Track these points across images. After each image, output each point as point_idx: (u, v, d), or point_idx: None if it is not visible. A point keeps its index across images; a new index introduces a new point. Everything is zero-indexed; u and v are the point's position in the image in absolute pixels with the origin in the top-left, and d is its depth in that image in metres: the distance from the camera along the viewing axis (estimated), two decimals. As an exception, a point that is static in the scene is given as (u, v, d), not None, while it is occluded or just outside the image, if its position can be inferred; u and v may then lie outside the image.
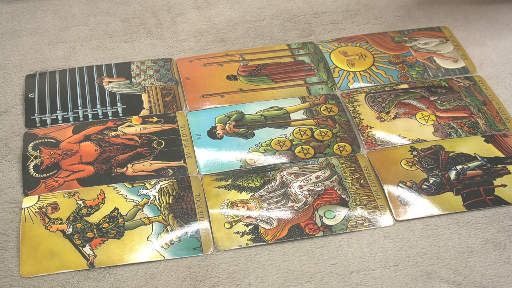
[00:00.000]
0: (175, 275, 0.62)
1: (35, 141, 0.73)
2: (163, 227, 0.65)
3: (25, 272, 0.61)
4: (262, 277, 0.61)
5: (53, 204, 0.67)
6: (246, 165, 0.71)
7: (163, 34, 0.88)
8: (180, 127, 0.75)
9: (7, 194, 0.69)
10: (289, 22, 0.90)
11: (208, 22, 0.90)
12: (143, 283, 0.61)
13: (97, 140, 0.74)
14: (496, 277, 0.61)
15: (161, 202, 0.67)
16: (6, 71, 0.83)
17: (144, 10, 0.92)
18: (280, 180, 0.70)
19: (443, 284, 0.61)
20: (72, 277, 0.61)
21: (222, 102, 0.78)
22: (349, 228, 0.65)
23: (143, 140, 0.74)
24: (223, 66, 0.83)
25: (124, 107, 0.78)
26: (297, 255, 0.63)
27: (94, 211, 0.67)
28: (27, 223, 0.65)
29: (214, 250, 0.64)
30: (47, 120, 0.76)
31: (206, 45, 0.86)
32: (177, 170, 0.71)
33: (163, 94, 0.79)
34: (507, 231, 0.65)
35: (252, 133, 0.75)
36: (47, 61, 0.84)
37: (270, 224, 0.66)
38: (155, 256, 0.63)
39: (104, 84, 0.81)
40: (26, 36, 0.88)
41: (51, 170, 0.70)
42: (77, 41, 0.87)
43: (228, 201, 0.67)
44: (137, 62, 0.84)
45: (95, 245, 0.64)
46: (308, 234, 0.65)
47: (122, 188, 0.69)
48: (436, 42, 0.86)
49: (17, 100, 0.79)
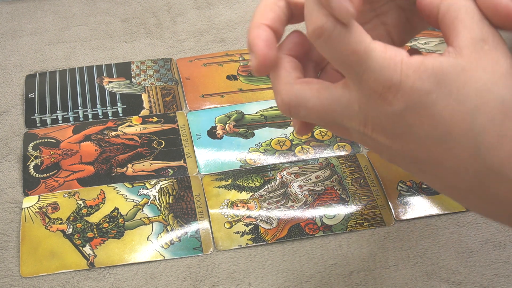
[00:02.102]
0: (175, 275, 0.62)
1: (35, 141, 0.73)
2: (163, 227, 0.65)
3: (25, 272, 0.62)
4: (262, 277, 0.61)
5: (53, 204, 0.67)
6: (246, 165, 0.71)
7: (163, 34, 0.88)
8: (180, 127, 0.75)
9: (7, 194, 0.69)
10: (289, 22, 0.89)
11: (208, 22, 0.90)
12: (143, 283, 0.61)
13: (97, 140, 0.74)
14: (496, 277, 0.61)
15: (161, 202, 0.67)
16: (6, 71, 0.83)
17: (144, 10, 0.92)
18: (280, 180, 0.70)
19: (443, 284, 0.61)
20: (72, 277, 0.61)
21: (222, 102, 0.78)
22: (349, 228, 0.65)
23: (143, 140, 0.74)
24: (223, 66, 0.83)
25: (124, 107, 0.78)
26: (297, 255, 0.63)
27: (94, 211, 0.67)
28: (27, 223, 0.65)
29: (214, 250, 0.64)
30: (47, 120, 0.76)
31: (206, 45, 0.86)
32: (177, 170, 0.71)
33: (163, 94, 0.79)
34: (506, 231, 0.65)
35: (252, 133, 0.75)
36: (47, 61, 0.84)
37: (270, 224, 0.66)
38: (155, 256, 0.63)
39: (104, 84, 0.81)
40: (26, 36, 0.88)
41: (51, 170, 0.70)
42: (77, 41, 0.87)
43: (228, 201, 0.67)
44: (137, 62, 0.84)
45: (95, 245, 0.64)
46: (308, 234, 0.65)
47: (122, 188, 0.69)
48: (436, 42, 0.86)
49: (17, 100, 0.79)
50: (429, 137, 0.42)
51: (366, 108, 0.43)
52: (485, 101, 0.41)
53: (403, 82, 0.41)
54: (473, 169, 0.42)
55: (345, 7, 0.41)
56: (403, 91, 0.41)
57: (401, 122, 0.43)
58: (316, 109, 0.45)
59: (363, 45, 0.42)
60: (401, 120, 0.42)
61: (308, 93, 0.45)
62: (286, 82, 0.46)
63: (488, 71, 0.41)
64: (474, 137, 0.41)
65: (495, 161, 0.42)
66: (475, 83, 0.41)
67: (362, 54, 0.42)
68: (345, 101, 0.44)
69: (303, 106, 0.45)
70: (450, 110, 0.41)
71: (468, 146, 0.42)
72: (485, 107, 0.41)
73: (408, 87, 0.41)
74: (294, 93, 0.45)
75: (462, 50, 0.42)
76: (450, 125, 0.42)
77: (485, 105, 0.41)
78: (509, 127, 0.41)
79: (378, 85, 0.42)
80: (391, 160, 0.47)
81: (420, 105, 0.41)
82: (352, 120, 0.45)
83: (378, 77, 0.42)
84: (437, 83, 0.41)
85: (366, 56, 0.42)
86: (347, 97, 0.44)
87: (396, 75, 0.41)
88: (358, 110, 0.44)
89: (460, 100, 0.41)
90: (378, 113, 0.43)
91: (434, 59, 0.42)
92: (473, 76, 0.41)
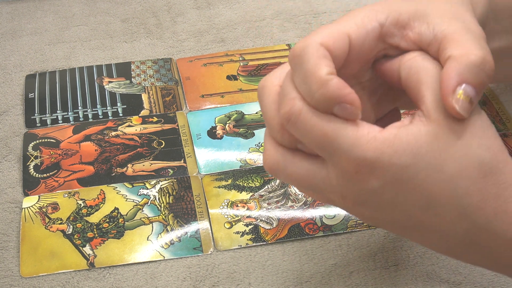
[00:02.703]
0: (175, 275, 0.62)
1: (35, 141, 0.73)
2: (163, 227, 0.65)
3: (25, 272, 0.62)
4: (262, 277, 0.61)
5: (53, 204, 0.67)
6: (246, 165, 0.71)
7: (163, 34, 0.88)
8: (180, 127, 0.75)
9: (7, 194, 0.69)
10: (289, 22, 0.90)
11: (208, 22, 0.90)
12: (143, 283, 0.61)
13: (97, 140, 0.74)
14: (496, 277, 0.61)
15: (161, 202, 0.67)
16: (6, 71, 0.83)
17: (144, 10, 0.92)
18: (280, 180, 0.70)
19: (443, 284, 0.61)
20: (72, 277, 0.61)
21: (222, 102, 0.78)
22: (349, 228, 0.65)
23: (143, 140, 0.74)
24: (223, 66, 0.83)
25: (124, 107, 0.78)
26: (297, 255, 0.63)
27: (94, 211, 0.67)
28: (27, 223, 0.65)
29: (214, 250, 0.64)
30: (47, 120, 0.76)
31: (206, 45, 0.86)
32: (177, 170, 0.71)
33: (163, 94, 0.79)
34: (507, 231, 0.65)
35: (252, 133, 0.75)
36: (47, 61, 0.84)
37: (270, 224, 0.66)
38: (155, 256, 0.63)
39: (104, 84, 0.81)
40: (26, 36, 0.88)
41: (51, 170, 0.70)
42: (77, 41, 0.87)
43: (228, 201, 0.67)
44: (137, 62, 0.84)
45: (95, 245, 0.64)
46: (308, 234, 0.65)
47: (122, 188, 0.69)
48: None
49: (17, 100, 0.79)
50: (413, 206, 0.42)
51: (344, 185, 0.43)
52: (464, 166, 0.41)
53: (379, 159, 0.41)
54: (461, 228, 0.43)
55: (350, 111, 0.41)
56: (380, 168, 0.41)
57: (382, 197, 0.42)
58: (295, 178, 0.45)
59: (331, 125, 0.41)
60: (381, 195, 0.42)
61: (289, 161, 0.45)
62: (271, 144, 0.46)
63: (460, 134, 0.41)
64: (458, 201, 0.42)
65: (482, 219, 0.42)
66: (450, 148, 0.41)
67: (331, 134, 0.41)
68: (324, 175, 0.44)
69: (282, 171, 0.45)
70: (431, 180, 0.41)
71: (454, 209, 0.42)
72: (465, 172, 0.41)
73: (385, 163, 0.41)
74: (276, 157, 0.45)
75: (431, 115, 0.41)
76: (433, 193, 0.42)
77: (464, 170, 0.41)
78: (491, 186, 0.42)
79: (351, 165, 0.41)
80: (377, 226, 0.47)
81: (399, 179, 0.41)
82: (331, 193, 0.44)
83: (350, 157, 0.41)
84: (413, 156, 0.41)
85: (335, 136, 0.41)
86: (324, 172, 0.44)
87: (370, 153, 0.41)
88: (336, 185, 0.43)
89: (438, 169, 0.41)
90: (356, 190, 0.43)
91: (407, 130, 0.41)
92: (447, 142, 0.41)
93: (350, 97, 0.41)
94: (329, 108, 0.41)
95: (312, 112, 0.42)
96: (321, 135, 0.42)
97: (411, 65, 0.44)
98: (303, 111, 0.42)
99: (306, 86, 0.42)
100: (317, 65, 0.42)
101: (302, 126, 0.42)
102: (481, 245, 0.43)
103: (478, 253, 0.44)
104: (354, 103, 0.41)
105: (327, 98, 0.41)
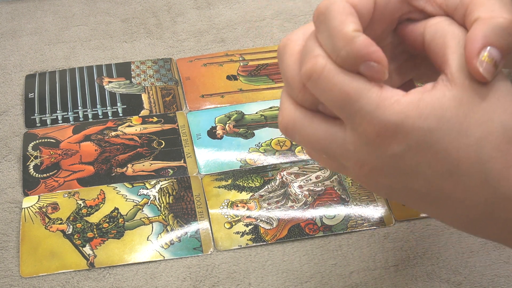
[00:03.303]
0: (175, 275, 0.62)
1: (35, 141, 0.73)
2: (163, 227, 0.65)
3: (25, 272, 0.61)
4: (262, 277, 0.61)
5: (53, 204, 0.67)
6: (246, 165, 0.71)
7: (163, 34, 0.88)
8: (180, 127, 0.75)
9: (7, 194, 0.69)
10: (289, 22, 0.90)
11: (208, 22, 0.90)
12: (143, 283, 0.61)
13: (97, 140, 0.74)
14: (496, 277, 0.61)
15: (161, 202, 0.67)
16: (6, 71, 0.83)
17: (144, 10, 0.92)
18: (280, 180, 0.70)
19: (443, 284, 0.61)
20: (72, 277, 0.61)
21: (222, 102, 0.78)
22: (349, 228, 0.65)
23: (143, 140, 0.74)
24: (223, 66, 0.83)
25: (124, 107, 0.78)
26: (297, 255, 0.63)
27: (94, 211, 0.67)
28: (27, 223, 0.65)
29: (214, 250, 0.64)
30: (47, 120, 0.76)
31: (206, 45, 0.86)
32: (177, 170, 0.71)
33: (163, 94, 0.79)
34: (507, 231, 0.65)
35: (252, 133, 0.75)
36: (47, 61, 0.84)
37: (270, 224, 0.66)
38: (155, 256, 0.63)
39: (104, 84, 0.81)
40: (26, 36, 0.88)
41: (51, 170, 0.70)
42: (77, 41, 0.87)
43: (228, 201, 0.67)
44: (137, 62, 0.84)
45: (95, 245, 0.64)
46: (308, 234, 0.65)
47: (122, 188, 0.69)
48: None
49: (17, 100, 0.79)
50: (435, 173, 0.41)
51: (362, 150, 0.42)
52: (489, 131, 0.40)
53: (403, 122, 0.40)
54: (483, 197, 0.42)
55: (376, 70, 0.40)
56: (403, 132, 0.40)
57: (403, 163, 0.41)
58: (310, 140, 0.44)
59: (354, 84, 0.40)
60: (403, 161, 0.41)
61: (307, 121, 0.43)
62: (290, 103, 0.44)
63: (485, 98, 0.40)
64: (482, 167, 0.41)
65: (505, 187, 0.41)
66: (475, 113, 0.40)
67: (354, 94, 0.40)
68: (340, 140, 0.42)
69: (298, 132, 0.44)
70: (455, 145, 0.40)
71: (477, 176, 0.41)
72: (489, 137, 0.40)
73: (409, 127, 0.40)
74: (293, 117, 0.44)
75: (456, 79, 0.40)
76: (457, 159, 0.41)
77: (489, 134, 0.40)
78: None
79: (373, 128, 0.40)
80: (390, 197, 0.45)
81: (423, 144, 0.40)
82: (347, 159, 0.43)
83: (372, 119, 0.40)
84: (438, 120, 0.40)
85: (358, 96, 0.40)
86: (342, 136, 0.42)
87: (394, 116, 0.40)
88: (353, 151, 0.42)
89: (463, 134, 0.40)
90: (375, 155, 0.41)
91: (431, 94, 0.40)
92: (472, 107, 0.40)
93: (377, 55, 0.40)
94: (355, 66, 0.40)
95: (335, 70, 0.40)
96: (343, 95, 0.40)
97: (436, 29, 0.42)
98: (326, 69, 0.40)
99: (331, 43, 0.40)
100: (344, 22, 0.40)
101: (323, 84, 0.40)
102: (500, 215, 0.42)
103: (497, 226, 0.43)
104: (381, 61, 0.40)
105: (353, 56, 0.39)
